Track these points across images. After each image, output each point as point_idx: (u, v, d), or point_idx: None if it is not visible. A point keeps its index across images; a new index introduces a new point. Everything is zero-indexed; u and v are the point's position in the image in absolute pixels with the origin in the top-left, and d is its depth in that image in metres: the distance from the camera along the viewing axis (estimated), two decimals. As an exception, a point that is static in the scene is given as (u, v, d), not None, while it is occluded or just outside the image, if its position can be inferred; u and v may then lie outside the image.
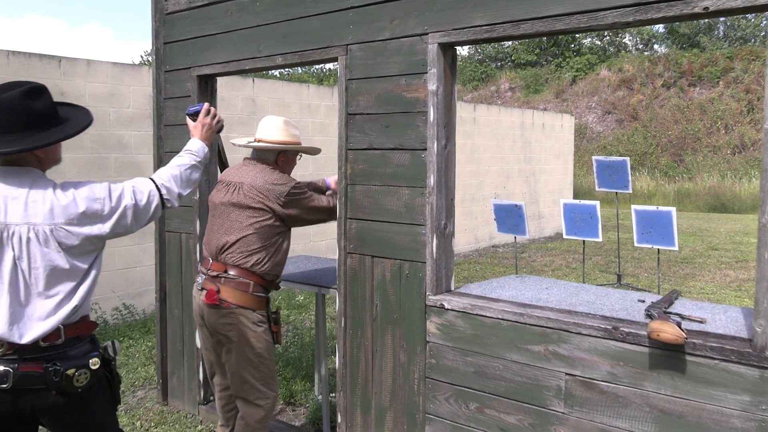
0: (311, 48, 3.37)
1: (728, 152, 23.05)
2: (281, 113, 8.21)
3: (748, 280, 8.71)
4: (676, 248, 6.71)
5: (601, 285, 8.46)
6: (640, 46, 32.58)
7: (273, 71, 32.71)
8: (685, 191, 20.87)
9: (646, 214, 6.76)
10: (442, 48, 2.91)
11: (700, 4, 2.24)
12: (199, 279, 3.25)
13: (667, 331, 2.28)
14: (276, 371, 4.74)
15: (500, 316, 2.77)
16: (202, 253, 3.49)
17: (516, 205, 7.55)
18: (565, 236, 7.50)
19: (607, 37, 31.69)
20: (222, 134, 3.59)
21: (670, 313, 2.66)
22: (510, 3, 2.67)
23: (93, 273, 2.23)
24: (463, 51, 35.88)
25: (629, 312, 2.73)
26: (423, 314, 3.02)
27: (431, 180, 2.94)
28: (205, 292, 3.16)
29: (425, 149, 2.96)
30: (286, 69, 32.20)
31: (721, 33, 31.06)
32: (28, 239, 2.08)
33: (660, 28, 33.20)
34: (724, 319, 2.63)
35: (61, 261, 2.11)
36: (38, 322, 2.10)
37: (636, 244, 6.89)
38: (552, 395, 2.64)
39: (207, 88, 4.03)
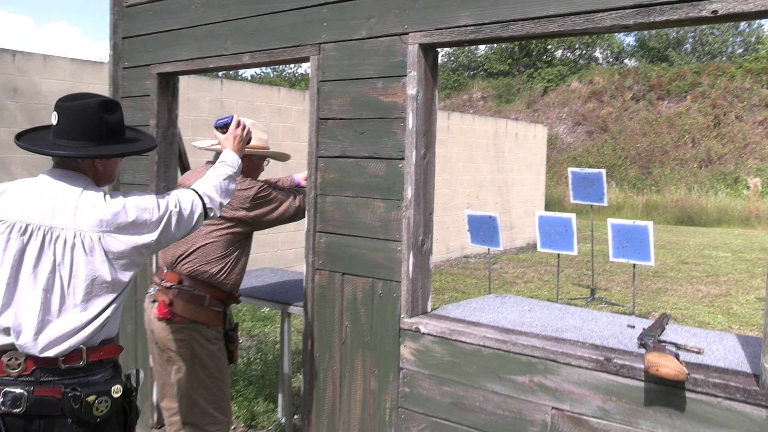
0: (281, 46, 3.12)
1: (695, 166, 23.31)
2: (250, 116, 7.92)
3: (719, 295, 8.65)
4: (652, 263, 6.58)
5: (574, 299, 8.32)
6: (611, 59, 32.91)
7: (244, 73, 32.27)
8: (653, 204, 21.02)
9: (622, 228, 6.62)
10: (423, 49, 2.68)
11: (708, 7, 2.05)
12: (152, 290, 2.99)
13: (668, 366, 2.07)
14: (237, 391, 4.50)
15: (481, 343, 2.54)
16: (157, 262, 3.20)
17: (490, 217, 7.38)
18: (539, 249, 7.34)
19: (579, 49, 31.95)
20: (184, 137, 3.32)
21: (665, 342, 2.46)
22: (499, 1, 2.45)
23: (128, 289, 2.15)
24: (435, 59, 35.84)
25: (620, 339, 2.53)
26: (397, 338, 2.78)
27: (408, 192, 2.70)
28: (156, 304, 2.90)
29: (402, 159, 2.72)
30: (257, 70, 31.76)
31: (689, 48, 31.54)
32: (73, 245, 2.00)
33: (631, 41, 33.62)
34: (722, 349, 2.44)
35: (105, 272, 2.02)
36: (66, 337, 1.98)
37: (612, 259, 6.75)
38: (537, 431, 2.41)
39: (168, 87, 3.74)
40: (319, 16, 2.97)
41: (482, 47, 33.57)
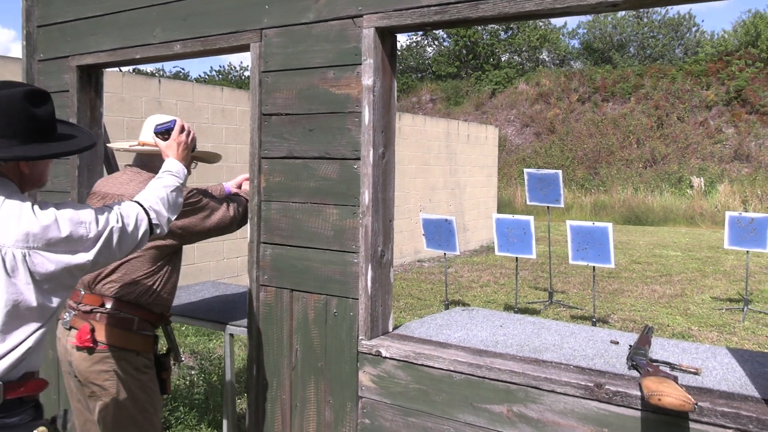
0: (217, 33, 2.74)
1: (640, 166, 23.68)
2: (192, 118, 7.46)
3: (675, 296, 8.59)
4: (612, 266, 6.41)
5: (532, 302, 8.13)
6: (557, 62, 33.29)
7: (191, 77, 31.37)
8: (601, 203, 21.21)
9: (582, 230, 6.44)
10: (380, 34, 2.35)
11: (710, -20, 1.78)
12: (66, 315, 2.57)
13: (671, 395, 1.78)
14: (177, 418, 4.08)
15: (451, 368, 2.22)
16: None
17: (446, 220, 7.11)
18: (497, 252, 7.10)
19: (526, 52, 32.20)
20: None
21: (658, 361, 2.19)
22: (467, -23, 2.14)
23: (54, 318, 1.84)
24: (384, 61, 35.63)
25: (606, 359, 2.25)
26: (354, 363, 2.44)
27: (365, 197, 2.37)
28: (74, 332, 2.49)
29: (358, 159, 2.39)
30: (201, 73, 30.95)
31: (632, 51, 32.15)
32: None
33: (575, 43, 34.09)
34: (718, 366, 2.19)
35: (29, 296, 1.70)
36: None
37: (571, 261, 6.56)
38: (518, 468, 2.11)
39: (90, 81, 3.31)
40: (261, -2, 2.62)
41: (429, 49, 33.55)
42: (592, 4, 1.95)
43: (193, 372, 5.03)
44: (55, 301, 1.78)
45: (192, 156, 2.70)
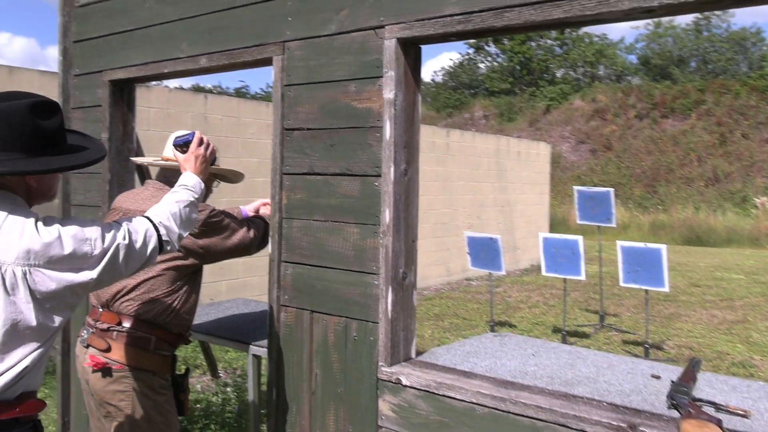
0: (242, 46, 2.69)
1: (701, 184, 22.86)
2: (237, 133, 7.51)
3: (736, 321, 8.14)
4: (666, 289, 6.09)
5: (582, 325, 7.83)
6: (613, 78, 32.61)
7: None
8: (660, 223, 20.52)
9: (633, 252, 6.15)
10: (402, 45, 2.24)
11: (756, -19, 1.61)
12: (84, 333, 2.54)
13: (713, 441, 1.60)
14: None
15: (474, 400, 2.07)
16: (89, 300, 2.74)
17: (491, 238, 6.92)
18: (544, 273, 6.86)
19: (581, 67, 31.65)
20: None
21: (701, 400, 1.99)
22: (492, -16, 2.02)
23: (54, 338, 1.77)
24: (437, 77, 35.61)
25: (644, 396, 2.06)
26: (374, 390, 2.31)
27: (386, 215, 2.25)
28: (92, 350, 2.45)
29: (379, 175, 2.28)
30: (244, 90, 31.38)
31: (693, 66, 31.23)
32: None
33: (633, 58, 33.35)
34: (772, 408, 1.97)
35: (29, 315, 1.65)
36: None
37: (622, 284, 6.27)
38: None
39: (122, 96, 3.31)
40: (284, 10, 2.55)
41: (482, 65, 33.35)
42: (625, 10, 1.79)
43: (228, 389, 4.99)
44: (57, 320, 1.72)
45: (214, 174, 2.65)
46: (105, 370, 2.42)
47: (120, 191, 3.30)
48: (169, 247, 1.98)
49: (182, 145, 2.33)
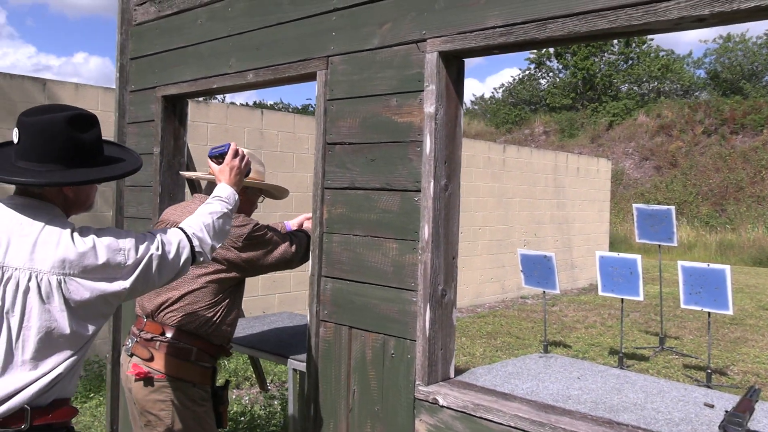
0: (287, 62, 2.71)
1: (773, 203, 21.88)
2: (293, 148, 7.60)
3: (808, 348, 7.70)
4: (730, 312, 5.81)
5: (640, 348, 7.55)
6: (680, 93, 31.64)
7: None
8: (728, 243, 19.70)
9: (695, 272, 5.89)
10: (444, 58, 2.21)
11: (815, -13, 1.51)
12: (129, 342, 2.58)
13: (765, 479, 1.49)
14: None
15: (512, 423, 2.00)
16: (135, 309, 2.79)
17: (545, 256, 6.76)
18: (600, 293, 6.66)
19: (646, 83, 30.85)
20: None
21: (756, 433, 1.87)
22: (534, -5, 1.97)
23: (90, 344, 1.80)
24: (497, 94, 35.36)
25: (694, 425, 1.95)
26: (411, 409, 2.26)
27: (425, 231, 2.21)
28: (135, 359, 2.49)
29: (419, 191, 2.24)
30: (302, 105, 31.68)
31: (766, 80, 30.02)
32: (27, 289, 1.65)
33: (701, 73, 32.30)
34: (835, 444, 1.83)
35: (63, 323, 1.68)
36: (7, 398, 1.64)
37: (683, 306, 6.01)
38: None
39: (174, 111, 3.39)
40: (328, 25, 2.55)
41: (543, 81, 32.92)
42: (674, 19, 1.71)
43: (275, 402, 5.01)
44: (91, 329, 1.75)
45: (260, 186, 2.67)
46: (147, 380, 2.46)
47: (170, 204, 3.37)
48: (201, 258, 1.99)
49: (217, 157, 2.34)
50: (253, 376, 5.61)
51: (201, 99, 7.21)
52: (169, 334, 2.49)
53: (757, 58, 29.84)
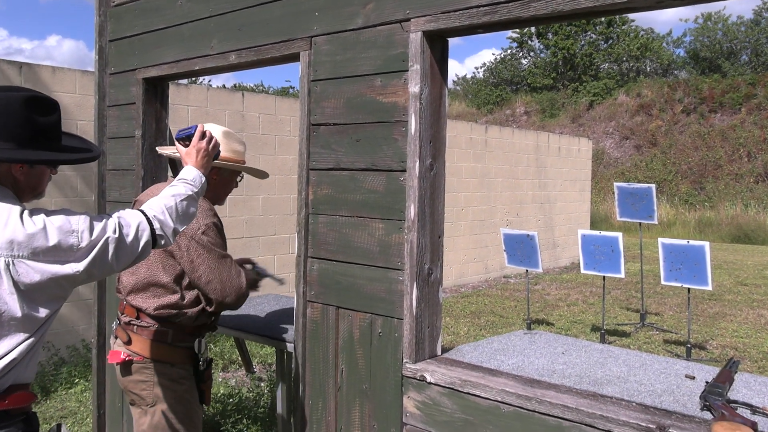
0: (269, 42, 2.69)
1: (751, 180, 22.17)
2: (274, 130, 7.56)
3: (785, 322, 7.87)
4: (709, 288, 5.91)
5: (622, 324, 7.67)
6: (659, 72, 31.82)
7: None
8: (707, 220, 19.97)
9: (675, 249, 5.98)
10: (428, 38, 2.21)
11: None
12: (114, 324, 2.59)
13: (744, 446, 1.53)
14: (239, 430, 4.05)
15: (499, 398, 2.03)
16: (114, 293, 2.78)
17: (528, 235, 6.82)
18: (583, 270, 6.74)
19: (626, 62, 30.97)
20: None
21: (737, 402, 1.92)
22: (517, -26, 1.97)
23: (46, 327, 1.74)
24: (478, 74, 35.33)
25: (676, 396, 2.00)
26: (399, 387, 2.29)
27: (411, 211, 2.23)
28: (118, 341, 2.51)
29: (404, 170, 2.25)
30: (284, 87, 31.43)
31: (744, 59, 30.26)
32: None
33: (681, 52, 32.47)
34: (812, 412, 1.89)
35: (14, 306, 1.62)
36: None
37: (663, 282, 6.10)
38: None
39: (156, 93, 3.36)
40: (311, 5, 2.54)
41: (524, 61, 32.92)
42: (656, -3, 1.73)
43: (262, 384, 5.03)
44: (44, 312, 1.70)
45: (238, 169, 2.65)
46: (126, 363, 2.47)
47: (153, 187, 3.35)
48: (163, 242, 1.92)
49: (184, 139, 2.26)
50: (239, 358, 5.63)
51: (183, 82, 7.14)
52: (144, 318, 2.48)
53: (736, 36, 30.05)
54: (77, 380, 5.22)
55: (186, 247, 2.41)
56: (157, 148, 2.80)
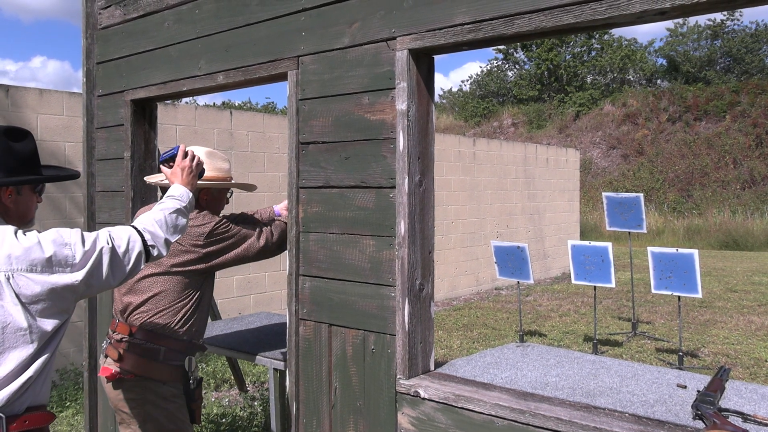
0: (257, 62, 2.71)
1: (738, 187, 22.38)
2: (263, 147, 7.57)
3: (775, 327, 7.92)
4: (699, 295, 5.95)
5: (614, 334, 7.69)
6: (644, 81, 32.14)
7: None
8: (695, 227, 20.11)
9: (664, 257, 6.02)
10: (414, 56, 2.24)
11: (769, -21, 1.57)
12: (104, 343, 2.60)
13: (736, 454, 1.55)
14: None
15: (493, 412, 2.04)
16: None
17: (518, 247, 6.85)
18: (573, 281, 6.76)
19: (610, 73, 31.27)
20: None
21: (728, 410, 1.93)
22: (500, -8, 2.00)
23: (55, 343, 1.77)
24: (465, 87, 35.55)
25: (668, 406, 2.01)
26: (393, 403, 2.29)
27: (401, 227, 2.24)
28: (109, 360, 2.51)
29: (394, 187, 2.27)
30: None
31: (726, 67, 30.61)
32: None
33: (663, 62, 32.83)
34: (802, 418, 1.90)
35: (19, 317, 1.66)
36: None
37: (654, 291, 6.14)
38: None
39: (144, 114, 3.37)
40: (297, 25, 2.56)
41: (510, 73, 33.17)
42: (637, 13, 1.76)
43: (255, 403, 5.00)
44: (50, 324, 1.73)
45: (225, 186, 2.69)
46: (116, 381, 2.47)
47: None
48: (155, 252, 1.98)
49: (168, 160, 2.38)
50: (232, 378, 5.60)
51: (169, 102, 7.14)
52: (137, 335, 2.50)
53: (712, 46, 30.46)
54: (68, 403, 5.17)
55: (207, 254, 2.55)
56: (145, 178, 2.83)
